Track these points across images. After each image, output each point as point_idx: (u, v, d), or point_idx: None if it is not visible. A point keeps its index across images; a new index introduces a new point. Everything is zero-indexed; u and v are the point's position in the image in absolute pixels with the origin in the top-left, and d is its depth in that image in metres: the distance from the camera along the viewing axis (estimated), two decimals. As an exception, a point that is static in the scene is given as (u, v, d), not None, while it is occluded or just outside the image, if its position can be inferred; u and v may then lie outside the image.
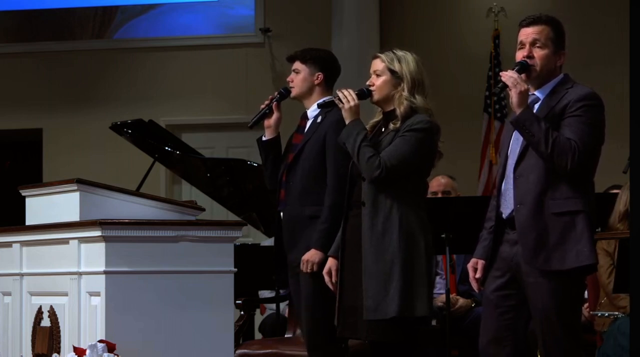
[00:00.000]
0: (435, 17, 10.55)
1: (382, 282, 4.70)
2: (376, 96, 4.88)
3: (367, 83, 4.91)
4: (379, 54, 4.94)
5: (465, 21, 10.55)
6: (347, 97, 4.83)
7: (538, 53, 4.39)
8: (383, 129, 4.91)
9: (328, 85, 5.35)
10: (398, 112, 4.83)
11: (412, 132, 4.76)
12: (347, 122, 4.85)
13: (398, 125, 4.81)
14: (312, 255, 5.08)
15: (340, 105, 4.85)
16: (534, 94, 4.42)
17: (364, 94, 4.87)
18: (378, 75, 4.88)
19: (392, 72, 4.86)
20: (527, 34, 4.41)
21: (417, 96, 4.83)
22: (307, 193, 5.18)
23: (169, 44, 10.92)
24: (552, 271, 4.25)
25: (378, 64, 4.90)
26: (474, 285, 4.48)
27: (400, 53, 4.91)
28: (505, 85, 4.34)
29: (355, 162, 4.81)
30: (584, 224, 4.25)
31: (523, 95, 4.29)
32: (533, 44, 4.40)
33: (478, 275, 4.46)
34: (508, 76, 4.32)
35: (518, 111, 4.29)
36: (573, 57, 9.48)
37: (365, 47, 9.48)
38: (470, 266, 4.49)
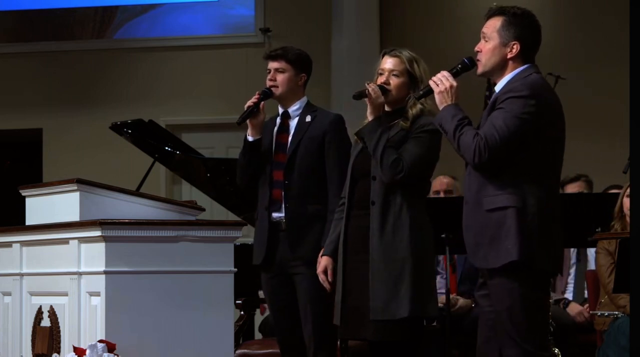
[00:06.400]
0: (435, 17, 10.53)
1: (392, 283, 4.68)
2: (394, 96, 4.84)
3: (383, 81, 4.83)
4: (399, 53, 4.88)
5: (465, 21, 10.53)
6: (377, 92, 4.79)
7: (483, 47, 4.31)
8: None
9: (305, 85, 5.32)
10: (410, 113, 4.81)
11: (425, 133, 4.74)
12: (370, 117, 4.81)
13: (408, 125, 4.80)
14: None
15: (370, 99, 4.78)
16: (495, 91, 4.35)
17: (384, 91, 4.82)
18: (396, 76, 4.85)
19: (410, 74, 4.83)
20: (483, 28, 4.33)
21: (428, 100, 4.83)
22: (309, 192, 5.15)
23: (169, 44, 10.91)
24: (491, 269, 4.22)
25: (397, 64, 4.86)
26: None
27: (413, 54, 4.89)
28: (430, 89, 4.35)
29: (376, 162, 4.74)
30: (512, 220, 4.14)
31: (442, 94, 4.28)
32: (483, 37, 4.32)
33: None
34: (433, 79, 4.31)
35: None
36: (573, 57, 9.56)
37: (365, 47, 9.47)
38: None
